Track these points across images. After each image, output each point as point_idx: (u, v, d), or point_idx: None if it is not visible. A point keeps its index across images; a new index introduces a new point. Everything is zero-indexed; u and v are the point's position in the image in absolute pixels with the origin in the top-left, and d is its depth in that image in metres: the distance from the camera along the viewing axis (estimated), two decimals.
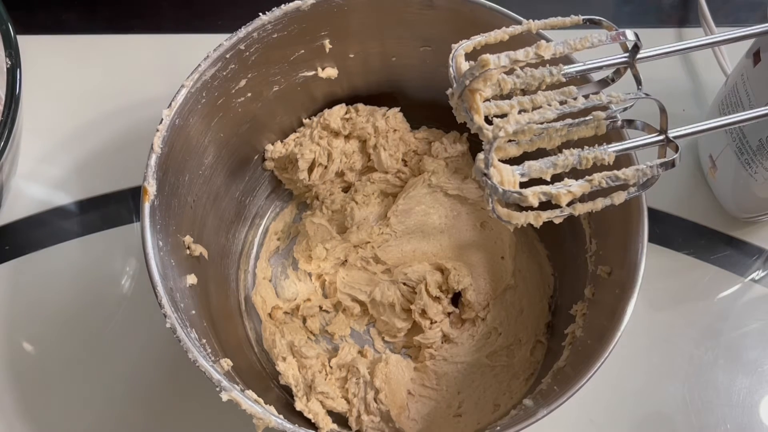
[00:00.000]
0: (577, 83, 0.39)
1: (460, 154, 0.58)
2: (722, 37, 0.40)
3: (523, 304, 0.54)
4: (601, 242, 0.49)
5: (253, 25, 0.47)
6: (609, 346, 0.41)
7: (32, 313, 0.56)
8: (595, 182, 0.37)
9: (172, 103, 0.45)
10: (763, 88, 0.49)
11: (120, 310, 0.56)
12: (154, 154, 0.44)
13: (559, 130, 0.38)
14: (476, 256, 0.56)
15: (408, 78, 0.56)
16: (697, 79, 0.65)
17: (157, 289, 0.41)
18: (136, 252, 0.58)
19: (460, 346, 0.54)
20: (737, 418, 0.54)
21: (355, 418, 0.50)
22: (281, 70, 0.52)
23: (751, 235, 0.60)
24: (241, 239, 0.58)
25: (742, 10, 0.69)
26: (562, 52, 0.36)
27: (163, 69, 0.64)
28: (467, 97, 0.37)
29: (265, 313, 0.55)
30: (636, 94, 0.38)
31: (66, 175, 0.61)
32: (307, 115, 0.57)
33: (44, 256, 0.58)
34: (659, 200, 0.60)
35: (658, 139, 0.39)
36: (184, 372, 0.53)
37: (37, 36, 0.66)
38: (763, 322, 0.57)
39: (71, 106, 0.63)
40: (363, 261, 0.57)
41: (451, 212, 0.57)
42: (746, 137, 0.52)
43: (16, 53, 0.51)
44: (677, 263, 0.58)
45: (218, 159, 0.52)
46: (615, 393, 0.54)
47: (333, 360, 0.53)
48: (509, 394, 0.51)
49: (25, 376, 0.54)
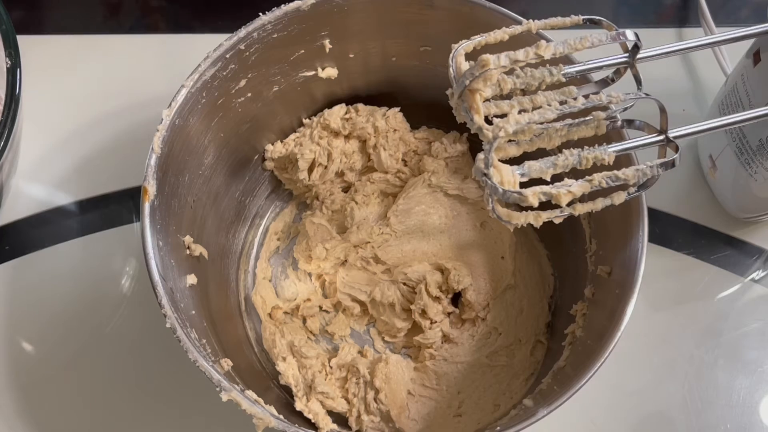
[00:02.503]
0: (577, 83, 0.39)
1: (460, 154, 0.58)
2: (722, 37, 0.40)
3: (523, 304, 0.54)
4: (601, 242, 0.49)
5: (253, 25, 0.47)
6: (609, 346, 0.41)
7: (32, 313, 0.56)
8: (595, 182, 0.37)
9: (172, 103, 0.45)
10: (763, 88, 0.49)
11: (120, 310, 0.56)
12: (154, 154, 0.44)
13: (559, 130, 0.38)
14: (476, 256, 0.56)
15: (408, 78, 0.56)
16: (697, 79, 0.65)
17: (157, 289, 0.41)
18: (136, 252, 0.58)
19: (460, 346, 0.54)
20: (737, 418, 0.54)
21: (355, 418, 0.50)
22: (281, 70, 0.52)
23: (751, 235, 0.60)
24: (241, 239, 0.58)
25: (742, 10, 0.69)
26: (562, 52, 0.36)
27: (163, 69, 0.64)
28: (467, 97, 0.37)
29: (265, 313, 0.55)
30: (636, 94, 0.38)
31: (66, 175, 0.61)
32: (307, 115, 0.57)
33: (44, 256, 0.58)
34: (659, 200, 0.60)
35: (658, 139, 0.39)
36: (184, 372, 0.53)
37: (37, 36, 0.65)
38: (763, 322, 0.57)
39: (71, 106, 0.63)
40: (363, 261, 0.57)
41: (451, 212, 0.57)
42: (746, 137, 0.52)
43: (16, 53, 0.51)
44: (677, 263, 0.58)
45: (218, 159, 0.52)
46: (615, 393, 0.54)
47: (333, 360, 0.52)
48: (509, 394, 0.51)
49: (25, 376, 0.54)
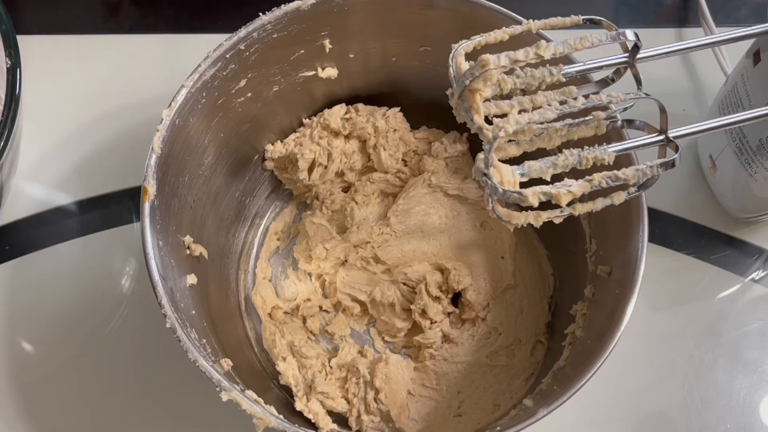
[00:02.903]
0: (577, 83, 0.39)
1: (460, 154, 0.58)
2: (722, 37, 0.40)
3: (523, 304, 0.54)
4: (601, 242, 0.49)
5: (253, 25, 0.47)
6: (609, 346, 0.41)
7: (32, 313, 0.56)
8: (595, 182, 0.37)
9: (172, 103, 0.45)
10: (763, 88, 0.49)
11: (120, 310, 0.56)
12: (154, 154, 0.44)
13: (559, 130, 0.38)
14: (476, 256, 0.56)
15: (408, 78, 0.56)
16: (697, 79, 0.65)
17: (157, 289, 0.41)
18: (136, 252, 0.58)
19: (460, 346, 0.54)
20: (737, 418, 0.54)
21: (355, 418, 0.50)
22: (281, 70, 0.52)
23: (751, 235, 0.60)
24: (241, 239, 0.58)
25: (742, 10, 0.69)
26: (562, 52, 0.36)
27: (163, 69, 0.64)
28: (467, 97, 0.37)
29: (265, 313, 0.55)
30: (636, 94, 0.38)
31: (66, 175, 0.61)
32: (307, 115, 0.57)
33: (44, 256, 0.58)
34: (659, 200, 0.60)
35: (658, 139, 0.39)
36: (184, 372, 0.53)
37: (37, 36, 0.65)
38: (763, 322, 0.57)
39: (71, 106, 0.63)
40: (363, 261, 0.57)
41: (451, 212, 0.57)
42: (746, 137, 0.52)
43: (16, 53, 0.51)
44: (677, 263, 0.58)
45: (218, 159, 0.52)
46: (615, 393, 0.54)
47: (333, 360, 0.52)
48: (509, 394, 0.51)
49: (25, 376, 0.54)
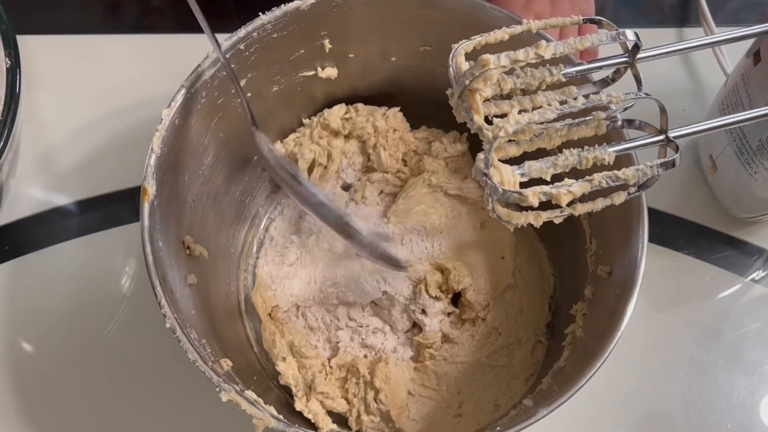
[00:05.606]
0: (577, 83, 0.39)
1: (460, 154, 0.58)
2: (722, 37, 0.40)
3: (523, 304, 0.54)
4: (601, 242, 0.49)
5: (252, 25, 0.47)
6: (609, 346, 0.41)
7: (32, 313, 0.56)
8: (595, 182, 0.37)
9: (171, 103, 0.45)
10: (763, 88, 0.49)
11: (120, 310, 0.56)
12: (154, 154, 0.44)
13: (559, 130, 0.38)
14: (476, 256, 0.56)
15: (408, 78, 0.56)
16: (697, 79, 0.65)
17: (157, 289, 0.41)
18: (136, 252, 0.58)
19: (460, 346, 0.54)
20: (737, 418, 0.54)
21: (355, 418, 0.50)
22: (281, 70, 0.52)
23: (751, 235, 0.60)
24: (241, 239, 0.58)
25: (742, 10, 0.69)
26: (562, 51, 0.36)
27: (163, 69, 0.64)
28: (467, 97, 0.37)
29: (265, 313, 0.55)
30: (636, 94, 0.38)
31: (66, 175, 0.61)
32: (307, 115, 0.57)
33: (44, 256, 0.58)
34: (659, 200, 0.60)
35: (658, 139, 0.39)
36: (184, 372, 0.53)
37: (37, 36, 0.65)
38: (763, 322, 0.57)
39: (71, 106, 0.63)
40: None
41: (451, 212, 0.57)
42: (746, 137, 0.52)
43: (16, 53, 0.51)
44: (677, 263, 0.58)
45: (218, 159, 0.52)
46: (615, 393, 0.54)
47: (333, 360, 0.52)
48: (509, 394, 0.51)
49: (25, 376, 0.54)
